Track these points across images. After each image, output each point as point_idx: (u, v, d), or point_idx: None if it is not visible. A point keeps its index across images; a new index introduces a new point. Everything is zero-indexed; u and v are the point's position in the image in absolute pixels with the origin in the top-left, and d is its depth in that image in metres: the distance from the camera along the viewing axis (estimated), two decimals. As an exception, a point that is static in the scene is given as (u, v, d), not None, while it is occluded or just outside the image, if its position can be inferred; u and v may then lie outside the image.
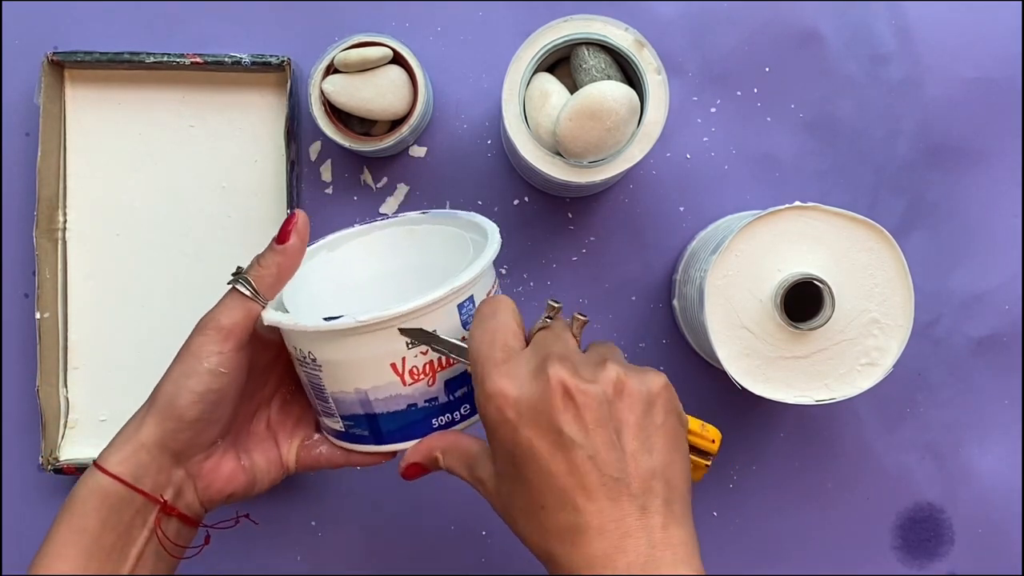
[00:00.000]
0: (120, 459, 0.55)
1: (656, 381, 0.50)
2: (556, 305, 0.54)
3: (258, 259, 0.58)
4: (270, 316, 0.56)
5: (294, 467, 0.61)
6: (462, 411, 0.57)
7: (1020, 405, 0.77)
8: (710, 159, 0.76)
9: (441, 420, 0.56)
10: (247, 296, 0.56)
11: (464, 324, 0.55)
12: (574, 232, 0.76)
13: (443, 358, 0.55)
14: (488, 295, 0.58)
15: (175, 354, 0.57)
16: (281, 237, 0.58)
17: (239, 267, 0.58)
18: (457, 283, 0.54)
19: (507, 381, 0.49)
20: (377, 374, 0.55)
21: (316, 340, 0.55)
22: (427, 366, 0.55)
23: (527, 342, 0.52)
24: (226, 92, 0.75)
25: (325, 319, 0.53)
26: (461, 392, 0.56)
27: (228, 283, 0.57)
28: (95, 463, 0.55)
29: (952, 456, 0.77)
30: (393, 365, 0.55)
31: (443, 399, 0.56)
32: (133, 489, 0.54)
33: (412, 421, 0.56)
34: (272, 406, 0.62)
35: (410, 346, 0.54)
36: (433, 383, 0.56)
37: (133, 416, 0.57)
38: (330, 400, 0.57)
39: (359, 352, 0.54)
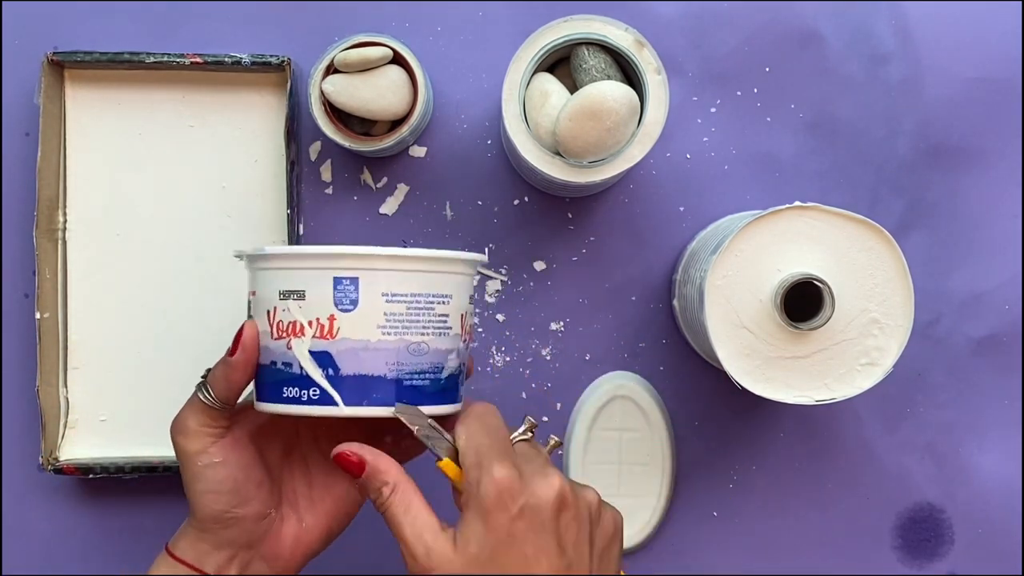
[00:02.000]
0: (184, 549, 0.57)
1: (596, 498, 0.55)
2: (534, 423, 0.56)
3: (215, 367, 0.56)
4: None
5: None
6: (310, 394, 0.54)
7: (1020, 405, 0.77)
8: (710, 159, 0.76)
9: (290, 392, 0.54)
10: (207, 404, 0.56)
11: (336, 302, 0.53)
12: (574, 232, 0.76)
13: (310, 325, 0.53)
14: (463, 316, 0.56)
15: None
16: (231, 348, 0.55)
17: (207, 370, 0.57)
18: (350, 250, 0.52)
19: (515, 474, 0.51)
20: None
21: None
22: (291, 326, 0.54)
23: None
24: (226, 92, 0.75)
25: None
26: (319, 374, 0.54)
27: (196, 384, 0.57)
28: (171, 553, 0.58)
29: (952, 456, 0.77)
30: (268, 312, 0.55)
31: (297, 370, 0.54)
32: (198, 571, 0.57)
33: (267, 381, 0.55)
34: (308, 456, 0.61)
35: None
36: (290, 348, 0.54)
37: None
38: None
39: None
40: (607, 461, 0.75)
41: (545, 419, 0.76)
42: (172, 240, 0.75)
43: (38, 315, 0.72)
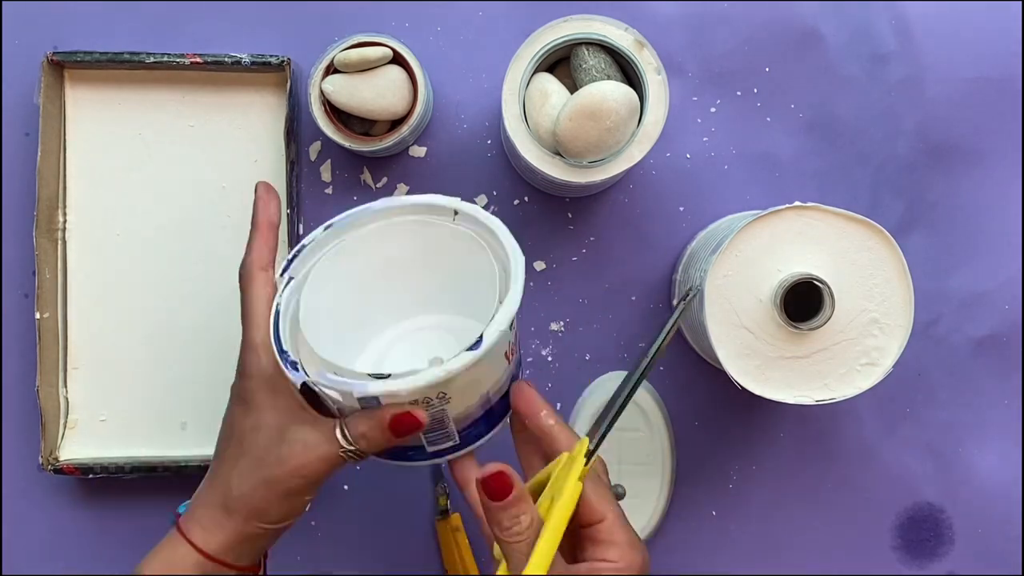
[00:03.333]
0: (219, 547, 0.57)
1: None
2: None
3: (361, 437, 0.55)
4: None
5: None
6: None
7: (1020, 405, 0.77)
8: (710, 159, 0.76)
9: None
10: (351, 458, 0.56)
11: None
12: (574, 232, 0.76)
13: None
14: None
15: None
16: (394, 431, 0.55)
17: (344, 432, 0.56)
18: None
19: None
20: (496, 369, 0.57)
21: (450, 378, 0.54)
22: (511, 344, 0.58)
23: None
24: (226, 92, 0.75)
25: (469, 349, 0.53)
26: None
27: (340, 452, 0.56)
28: (193, 544, 0.57)
29: (952, 456, 0.77)
30: (506, 353, 0.57)
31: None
32: (235, 568, 0.58)
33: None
34: None
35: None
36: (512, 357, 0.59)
37: (212, 496, 0.58)
38: (449, 424, 0.57)
39: (489, 361, 0.55)
40: (607, 461, 0.75)
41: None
42: (172, 240, 0.75)
43: (38, 315, 0.72)
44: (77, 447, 0.74)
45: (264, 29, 0.75)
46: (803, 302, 0.64)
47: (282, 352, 0.56)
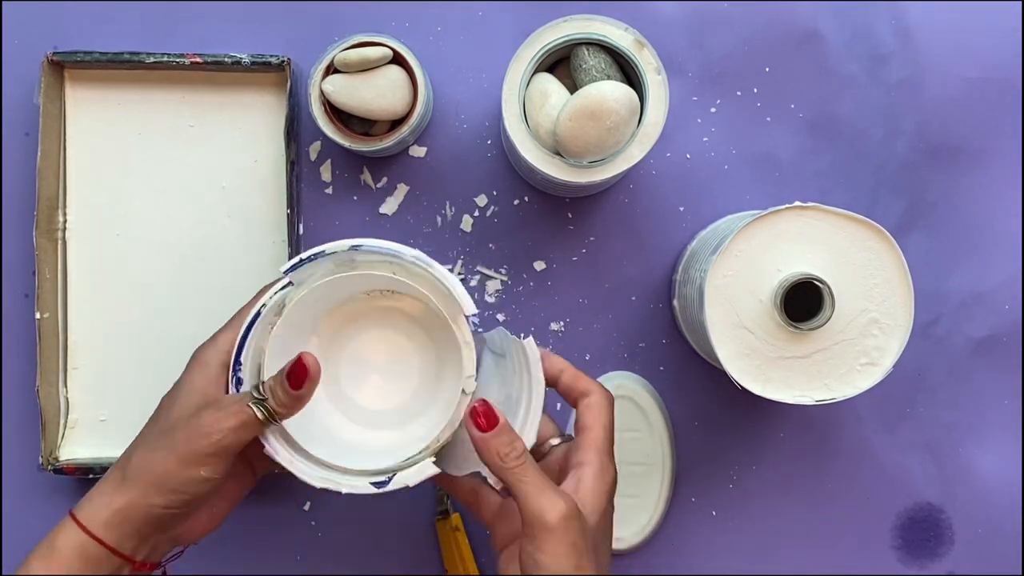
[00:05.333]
0: (105, 522, 0.55)
1: None
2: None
3: (271, 389, 0.56)
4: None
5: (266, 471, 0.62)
6: None
7: (1020, 405, 0.77)
8: (710, 159, 0.76)
9: None
10: (260, 420, 0.56)
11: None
12: (574, 232, 0.76)
13: None
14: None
15: (174, 360, 0.60)
16: (294, 383, 0.56)
17: (257, 387, 0.57)
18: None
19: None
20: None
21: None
22: None
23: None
24: (226, 92, 0.75)
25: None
26: None
27: (249, 402, 0.56)
28: (77, 520, 0.56)
29: (952, 456, 0.77)
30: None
31: None
32: (117, 554, 0.56)
33: None
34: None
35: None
36: None
37: (112, 473, 0.57)
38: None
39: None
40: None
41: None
42: (172, 240, 0.75)
43: (38, 315, 0.72)
44: (77, 447, 0.74)
45: (264, 29, 0.75)
46: (803, 302, 0.64)
47: (237, 364, 0.58)
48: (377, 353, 0.63)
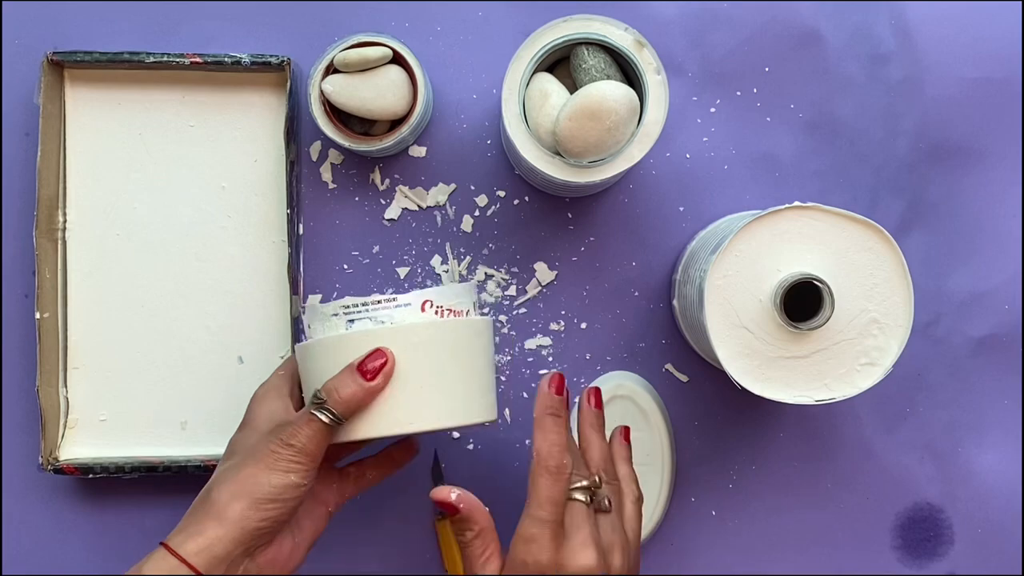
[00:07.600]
0: (196, 549, 0.57)
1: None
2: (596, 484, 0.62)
3: (327, 391, 0.59)
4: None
5: (337, 509, 0.65)
6: None
7: (1020, 405, 0.77)
8: (710, 159, 0.76)
9: None
10: (326, 423, 0.58)
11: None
12: (574, 232, 0.76)
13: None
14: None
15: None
16: (368, 375, 0.58)
17: (317, 393, 0.59)
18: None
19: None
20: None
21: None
22: None
23: None
24: (226, 92, 0.75)
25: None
26: None
27: (310, 409, 0.59)
28: (168, 547, 0.57)
29: (952, 456, 0.77)
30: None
31: None
32: None
33: None
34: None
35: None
36: None
37: (196, 508, 0.59)
38: None
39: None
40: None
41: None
42: (172, 240, 0.75)
43: (38, 315, 0.72)
44: (77, 447, 0.74)
45: (264, 29, 0.75)
46: (803, 302, 0.64)
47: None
48: None
